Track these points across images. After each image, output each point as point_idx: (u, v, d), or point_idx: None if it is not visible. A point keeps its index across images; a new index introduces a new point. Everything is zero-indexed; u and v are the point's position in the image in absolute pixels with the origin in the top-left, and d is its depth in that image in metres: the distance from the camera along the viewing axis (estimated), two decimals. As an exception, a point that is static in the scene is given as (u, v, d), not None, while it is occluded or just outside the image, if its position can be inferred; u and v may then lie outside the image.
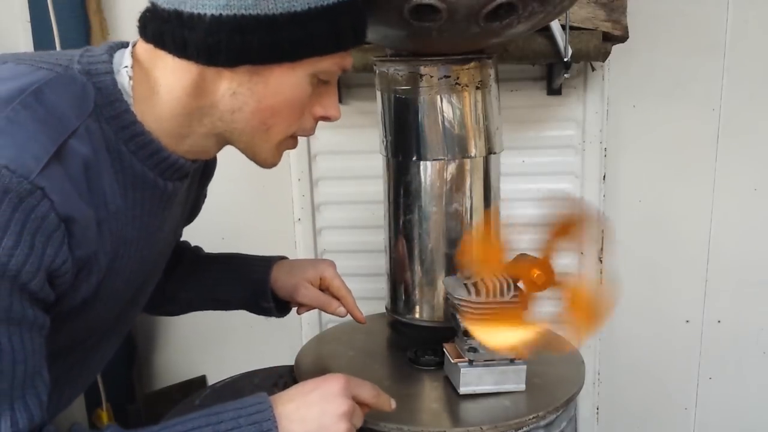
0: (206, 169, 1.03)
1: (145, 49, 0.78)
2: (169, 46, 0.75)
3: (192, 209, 1.04)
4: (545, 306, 0.97)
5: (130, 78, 0.77)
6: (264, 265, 1.12)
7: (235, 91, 0.77)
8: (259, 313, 1.15)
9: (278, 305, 1.12)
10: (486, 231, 1.13)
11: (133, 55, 0.79)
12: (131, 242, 0.80)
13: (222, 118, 0.79)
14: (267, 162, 0.86)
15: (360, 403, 0.83)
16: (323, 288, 1.11)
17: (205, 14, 0.72)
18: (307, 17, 0.74)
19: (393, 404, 0.88)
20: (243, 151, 0.85)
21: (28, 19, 1.62)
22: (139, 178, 0.79)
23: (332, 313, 1.10)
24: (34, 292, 0.67)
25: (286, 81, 0.77)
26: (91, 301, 0.77)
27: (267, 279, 1.10)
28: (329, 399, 0.79)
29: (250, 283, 1.11)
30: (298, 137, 0.87)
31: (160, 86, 0.77)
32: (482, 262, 0.95)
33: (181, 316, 1.19)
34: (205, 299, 1.15)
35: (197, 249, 1.18)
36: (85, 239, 0.71)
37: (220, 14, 0.71)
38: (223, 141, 0.84)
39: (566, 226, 0.93)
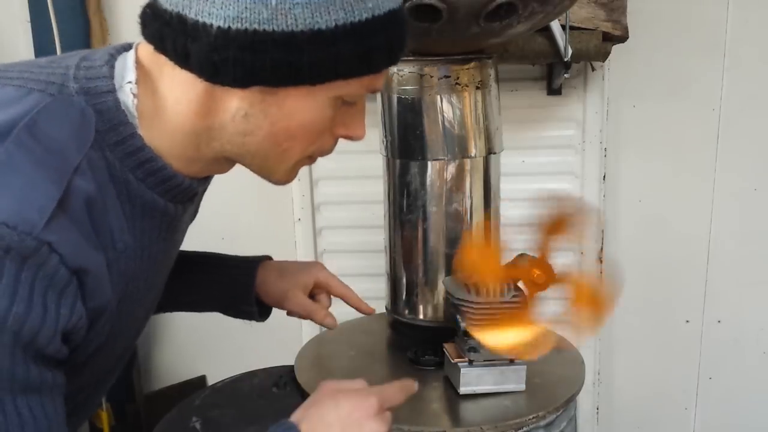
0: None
1: (148, 52, 0.70)
2: (170, 53, 0.66)
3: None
4: (548, 306, 0.97)
5: (135, 96, 0.69)
6: (248, 267, 1.04)
7: (246, 112, 0.68)
8: (236, 317, 1.08)
9: (260, 308, 1.06)
10: (483, 238, 1.12)
11: (137, 61, 0.70)
12: (139, 276, 0.74)
13: (231, 140, 0.71)
14: (281, 181, 0.78)
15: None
16: (319, 291, 1.07)
17: (211, 25, 0.62)
18: (332, 36, 0.63)
19: (416, 386, 0.86)
20: (256, 172, 0.77)
21: (28, 19, 1.62)
22: (148, 207, 0.72)
23: (320, 323, 1.05)
24: (51, 355, 0.61)
25: (305, 105, 0.68)
26: (103, 344, 0.72)
27: (252, 282, 1.03)
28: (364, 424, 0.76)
29: (232, 286, 1.04)
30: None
31: (167, 101, 0.69)
32: (480, 269, 0.94)
33: (181, 316, 1.18)
34: (177, 302, 1.05)
35: None
36: (98, 289, 0.65)
37: (229, 27, 0.62)
38: (234, 161, 0.77)
39: (558, 223, 0.92)
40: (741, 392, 1.77)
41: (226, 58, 0.63)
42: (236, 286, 1.04)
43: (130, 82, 0.69)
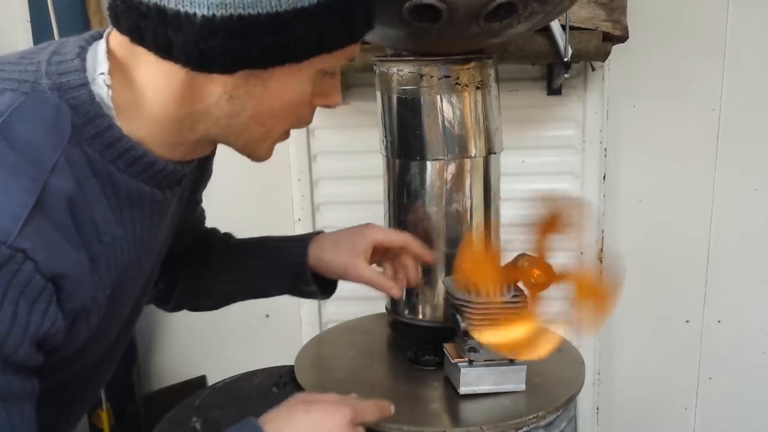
0: (202, 171, 0.95)
1: (120, 42, 0.68)
2: (150, 45, 0.65)
3: (186, 204, 0.96)
4: (549, 305, 0.97)
5: (109, 87, 0.68)
6: (299, 246, 1.03)
7: (231, 95, 0.68)
8: (302, 297, 1.08)
9: (322, 285, 1.05)
10: (482, 241, 1.11)
11: (109, 51, 0.69)
12: (131, 265, 0.74)
13: (217, 123, 0.71)
14: (263, 158, 0.79)
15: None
16: (382, 251, 1.05)
17: (194, 14, 0.61)
18: (316, 11, 0.64)
19: (392, 409, 0.86)
20: (239, 151, 0.78)
21: (28, 19, 1.62)
22: (134, 196, 0.71)
23: (387, 293, 1.05)
24: (20, 363, 0.60)
25: (290, 82, 0.69)
26: (93, 335, 0.72)
27: (304, 261, 1.01)
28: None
29: (287, 268, 1.03)
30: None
31: (146, 91, 0.68)
32: (479, 272, 0.94)
33: (181, 316, 1.17)
34: (243, 289, 1.07)
35: (227, 237, 1.10)
36: (78, 289, 0.64)
37: (213, 15, 0.61)
38: (217, 142, 0.78)
39: (553, 222, 0.92)
40: (741, 392, 1.77)
41: (213, 46, 0.63)
42: (292, 267, 1.03)
43: (102, 74, 0.68)
